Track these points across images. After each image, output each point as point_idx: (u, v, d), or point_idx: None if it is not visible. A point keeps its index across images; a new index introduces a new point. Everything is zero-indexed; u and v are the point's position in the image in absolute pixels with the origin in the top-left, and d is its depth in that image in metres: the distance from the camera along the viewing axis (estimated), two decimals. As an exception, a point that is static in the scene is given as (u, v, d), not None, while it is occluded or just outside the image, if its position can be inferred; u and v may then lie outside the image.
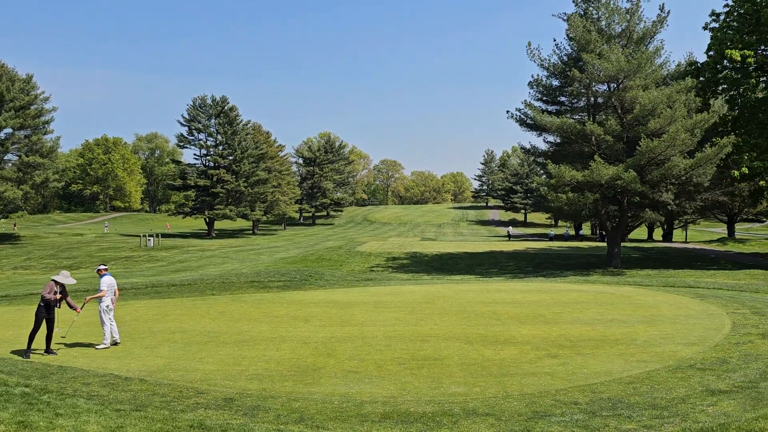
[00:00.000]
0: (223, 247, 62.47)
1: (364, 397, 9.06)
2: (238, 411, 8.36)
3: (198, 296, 22.01)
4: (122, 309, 18.91)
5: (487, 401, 8.76)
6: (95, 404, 8.36)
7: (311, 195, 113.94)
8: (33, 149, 65.80)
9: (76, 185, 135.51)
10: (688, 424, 7.46)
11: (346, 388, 9.64)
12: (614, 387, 9.39)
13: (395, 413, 8.21)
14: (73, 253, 54.01)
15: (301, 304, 19.24)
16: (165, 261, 49.17)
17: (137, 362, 11.52)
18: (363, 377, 10.28)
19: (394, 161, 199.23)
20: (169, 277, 33.90)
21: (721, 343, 12.44)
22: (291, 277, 28.43)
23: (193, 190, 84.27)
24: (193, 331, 14.73)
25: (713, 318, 15.56)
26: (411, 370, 10.68)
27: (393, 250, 51.83)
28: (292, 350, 12.45)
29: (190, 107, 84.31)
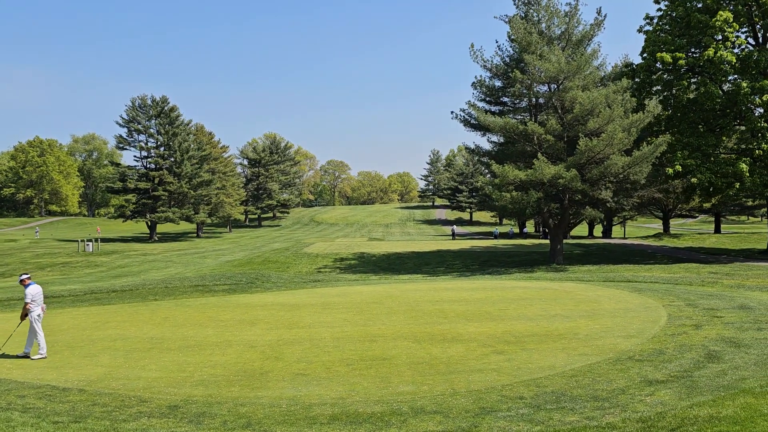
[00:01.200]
0: (166, 250, 60.99)
1: (313, 400, 9.00)
2: (183, 418, 8.18)
3: (140, 302, 21.41)
4: (59, 317, 18.22)
5: (435, 399, 8.83)
6: (31, 417, 8.03)
7: (257, 196, 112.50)
8: (-40, 152, 62.58)
9: (8, 189, 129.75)
10: (627, 414, 7.71)
11: (294, 391, 9.55)
12: (558, 380, 9.63)
13: (344, 414, 8.19)
14: (6, 260, 51.72)
15: (247, 308, 18.97)
16: (105, 266, 47.65)
17: (75, 372, 11.11)
18: (311, 380, 10.21)
19: (340, 162, 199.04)
20: (109, 283, 32.87)
21: (657, 335, 12.92)
22: (237, 280, 28.01)
23: (133, 193, 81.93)
24: (136, 338, 14.31)
25: (650, 311, 16.14)
26: (359, 371, 10.67)
27: (340, 251, 51.73)
28: (238, 354, 12.25)
29: (129, 108, 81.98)
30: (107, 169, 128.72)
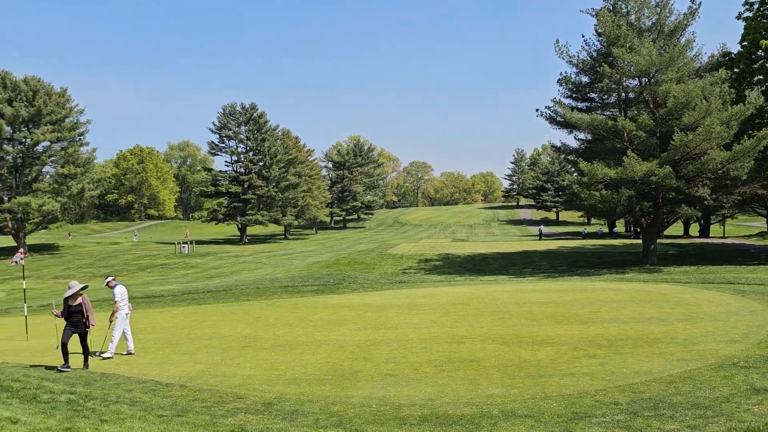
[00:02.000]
0: (256, 252, 63.13)
1: (402, 400, 9.07)
2: (278, 415, 8.44)
3: (233, 302, 22.28)
4: (160, 316, 19.26)
5: (526, 402, 8.69)
6: (138, 410, 8.53)
7: (341, 198, 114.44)
8: (69, 161, 67.40)
9: (112, 195, 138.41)
10: (733, 424, 7.29)
11: (384, 391, 9.66)
12: (655, 386, 9.23)
13: (433, 416, 8.20)
14: (111, 262, 55.16)
15: (335, 308, 19.34)
16: (200, 267, 49.88)
17: (177, 368, 11.71)
18: (400, 380, 10.29)
19: (423, 163, 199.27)
20: (204, 284, 34.38)
21: (765, 340, 12.14)
22: (324, 281, 28.60)
23: (225, 197, 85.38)
24: (230, 337, 14.91)
25: (755, 315, 15.18)
26: (448, 372, 10.66)
27: (425, 252, 51.76)
28: (328, 354, 12.52)
29: (220, 115, 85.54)
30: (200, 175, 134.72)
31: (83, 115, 69.75)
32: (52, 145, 66.44)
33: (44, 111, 63.84)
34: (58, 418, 7.70)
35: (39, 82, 65.66)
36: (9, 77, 64.57)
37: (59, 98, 66.89)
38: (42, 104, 63.43)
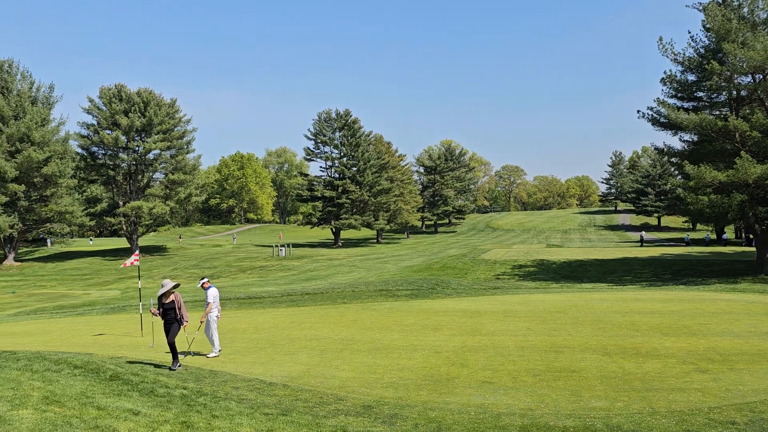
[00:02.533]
0: (350, 256, 64.26)
1: (501, 409, 8.97)
2: (377, 419, 8.57)
3: (330, 304, 22.79)
4: (261, 316, 20.02)
5: (632, 417, 8.36)
6: (246, 407, 8.91)
7: (433, 203, 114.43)
8: (177, 167, 71.49)
9: (215, 199, 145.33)
10: None
11: (482, 398, 9.59)
12: (776, 407, 8.63)
13: (534, 426, 8.06)
14: (214, 263, 57.85)
15: (429, 313, 19.37)
16: (296, 270, 51.37)
17: (279, 368, 12.13)
18: (498, 388, 10.18)
19: (515, 167, 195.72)
20: (301, 286, 35.37)
21: None
22: (418, 285, 28.71)
23: (320, 201, 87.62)
24: (328, 339, 15.27)
25: None
26: (547, 382, 10.43)
27: (518, 258, 50.81)
28: (424, 359, 12.57)
29: (316, 121, 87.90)
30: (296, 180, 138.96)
31: (190, 124, 73.77)
32: (162, 153, 70.69)
33: (155, 121, 68.04)
34: (174, 412, 8.18)
35: (150, 94, 70.02)
36: (124, 90, 69.30)
37: (169, 109, 71.03)
38: (153, 115, 67.64)
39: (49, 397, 8.30)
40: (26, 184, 61.84)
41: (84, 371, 10.39)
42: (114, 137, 66.70)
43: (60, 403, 8.05)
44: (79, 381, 9.65)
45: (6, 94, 62.80)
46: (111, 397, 8.76)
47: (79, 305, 32.01)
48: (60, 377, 9.73)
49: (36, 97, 65.82)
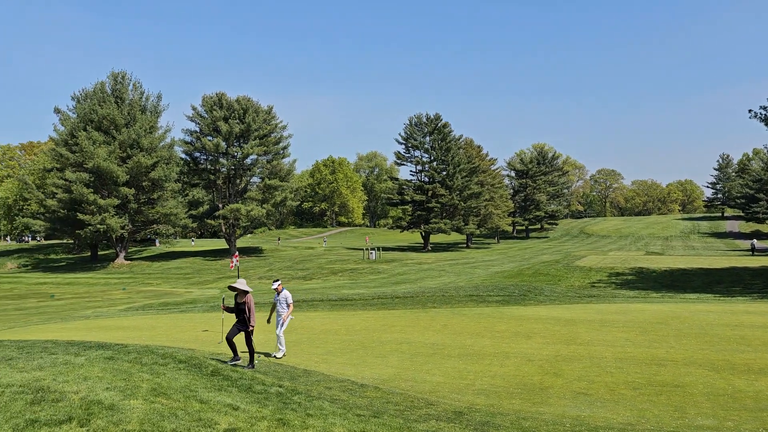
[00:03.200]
0: (439, 260, 64.08)
1: (598, 422, 8.65)
2: (469, 425, 8.48)
3: (420, 308, 22.82)
4: (353, 318, 20.33)
5: (744, 438, 7.83)
6: (339, 408, 9.07)
7: (524, 208, 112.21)
8: (273, 172, 74.00)
9: (307, 203, 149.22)
10: None
11: (577, 410, 9.29)
12: None
13: (634, 442, 7.71)
14: (306, 265, 59.35)
15: (521, 320, 18.99)
16: (386, 273, 51.81)
17: (370, 370, 12.26)
18: (594, 400, 9.83)
19: (611, 170, 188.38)
20: (391, 289, 35.64)
21: None
22: (509, 291, 28.23)
23: (409, 205, 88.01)
24: (418, 343, 15.29)
25: None
26: (648, 397, 9.96)
27: (615, 265, 48.85)
28: (516, 367, 12.33)
29: (406, 126, 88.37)
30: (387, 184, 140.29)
31: (285, 130, 76.18)
32: (259, 158, 73.43)
33: (253, 127, 70.80)
34: (271, 409, 8.45)
35: (249, 101, 72.92)
36: (225, 98, 72.56)
37: (266, 115, 73.70)
38: (251, 121, 70.42)
39: (156, 389, 8.79)
40: (136, 187, 66.02)
41: (188, 366, 10.93)
42: (215, 143, 69.97)
43: (166, 395, 8.51)
44: (183, 375, 10.16)
45: (119, 104, 67.34)
46: (212, 392, 9.16)
47: (182, 303, 33.74)
48: (166, 371, 10.28)
49: (145, 106, 70.18)
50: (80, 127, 64.62)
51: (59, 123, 67.79)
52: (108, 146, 63.35)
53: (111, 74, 68.83)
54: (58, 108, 68.71)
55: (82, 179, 61.78)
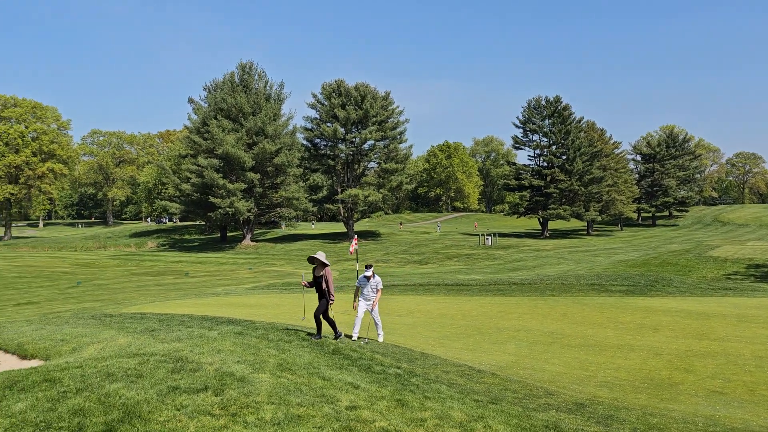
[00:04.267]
0: (558, 247, 62.21)
1: (735, 424, 8.06)
2: (591, 418, 8.21)
3: (538, 296, 22.32)
4: (468, 304, 20.25)
5: None
6: (455, 392, 9.09)
7: (651, 194, 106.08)
8: (390, 157, 74.95)
9: (422, 188, 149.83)
10: None
11: (711, 410, 8.71)
12: None
13: (778, 448, 7.13)
14: (422, 250, 59.76)
15: (648, 312, 18.05)
16: (502, 260, 51.07)
17: (487, 356, 12.18)
18: (731, 400, 9.17)
19: (752, 154, 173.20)
20: (507, 276, 35.12)
21: None
22: (634, 281, 26.87)
23: (527, 191, 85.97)
24: (537, 331, 14.97)
25: None
26: (794, 400, 9.15)
27: (755, 256, 45.09)
28: (642, 360, 11.76)
29: (525, 109, 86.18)
30: (503, 169, 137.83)
31: (402, 115, 76.77)
32: (377, 144, 74.62)
33: (370, 113, 71.98)
34: (390, 389, 8.63)
35: (367, 88, 74.13)
36: (343, 85, 74.25)
37: (383, 101, 74.65)
38: (369, 107, 71.61)
39: (282, 365, 9.24)
40: (261, 172, 69.39)
41: (311, 344, 11.40)
42: (333, 129, 71.92)
43: (291, 371, 8.93)
44: (307, 352, 10.61)
45: (246, 93, 70.86)
46: (334, 370, 9.50)
47: (303, 283, 35.13)
48: (291, 347, 10.78)
49: (269, 94, 73.36)
50: (211, 116, 68.78)
51: (192, 112, 72.60)
52: (236, 133, 66.96)
53: (239, 65, 72.56)
54: (192, 98, 73.58)
55: (212, 165, 65.80)
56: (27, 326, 14.20)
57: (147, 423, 6.14)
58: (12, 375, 7.68)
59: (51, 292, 36.22)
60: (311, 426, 6.42)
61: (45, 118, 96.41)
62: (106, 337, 11.42)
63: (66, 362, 8.82)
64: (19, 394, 6.79)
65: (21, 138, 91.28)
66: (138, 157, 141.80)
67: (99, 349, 10.32)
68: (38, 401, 6.56)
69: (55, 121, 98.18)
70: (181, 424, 6.20)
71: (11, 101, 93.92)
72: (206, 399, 7.01)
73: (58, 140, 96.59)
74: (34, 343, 11.44)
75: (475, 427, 6.97)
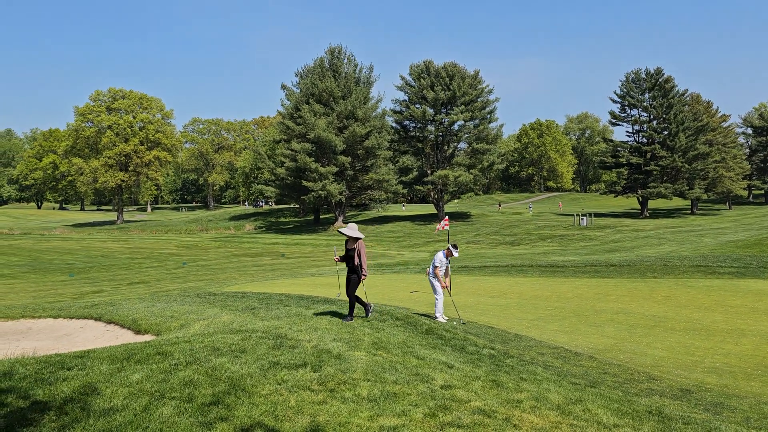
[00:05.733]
0: (658, 227, 59.36)
1: None
2: (698, 405, 7.83)
3: (638, 278, 21.41)
4: (564, 285, 19.74)
5: None
6: (552, 374, 8.91)
7: (763, 169, 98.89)
8: (480, 137, 73.89)
9: (514, 168, 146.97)
10: None
11: (835, 400, 8.07)
12: None
13: None
14: (514, 231, 58.76)
15: (761, 295, 16.91)
16: (598, 240, 49.36)
17: (584, 339, 11.85)
18: None
19: None
20: (604, 257, 33.88)
21: None
22: (746, 262, 25.17)
23: (624, 168, 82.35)
24: (637, 314, 14.40)
25: None
26: None
27: None
28: (755, 346, 11.06)
29: (623, 83, 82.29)
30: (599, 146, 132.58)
31: (492, 94, 75.39)
32: (466, 124, 73.75)
33: (458, 93, 71.14)
34: (484, 370, 8.58)
35: (455, 68, 73.26)
36: (432, 65, 73.74)
37: (472, 80, 73.56)
38: (457, 87, 70.78)
39: (377, 343, 9.39)
40: (351, 155, 70.37)
41: (404, 323, 11.51)
42: (422, 110, 71.67)
43: (386, 350, 9.06)
44: (400, 331, 10.72)
45: (336, 77, 71.85)
46: (427, 349, 9.56)
47: (395, 264, 35.49)
48: (385, 327, 10.93)
49: (359, 78, 73.99)
50: (303, 101, 70.34)
51: (285, 98, 74.51)
52: (327, 117, 68.16)
53: (329, 49, 73.59)
54: (285, 84, 75.50)
55: (305, 149, 67.39)
56: (139, 303, 15.19)
57: (251, 396, 6.43)
58: (129, 348, 8.25)
59: (159, 272, 38.53)
60: (406, 403, 6.49)
61: (150, 109, 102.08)
62: (210, 315, 12.03)
63: (176, 337, 9.37)
64: (135, 365, 7.28)
65: (130, 128, 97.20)
66: (235, 143, 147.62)
67: (205, 326, 10.89)
68: (152, 372, 7.01)
69: (160, 111, 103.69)
70: (283, 397, 6.44)
71: (120, 93, 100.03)
72: (305, 375, 7.25)
73: (163, 129, 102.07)
74: (147, 319, 12.23)
75: (573, 410, 6.81)
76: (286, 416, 5.96)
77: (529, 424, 6.17)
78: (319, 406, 6.28)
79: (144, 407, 5.98)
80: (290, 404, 6.27)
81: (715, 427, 6.76)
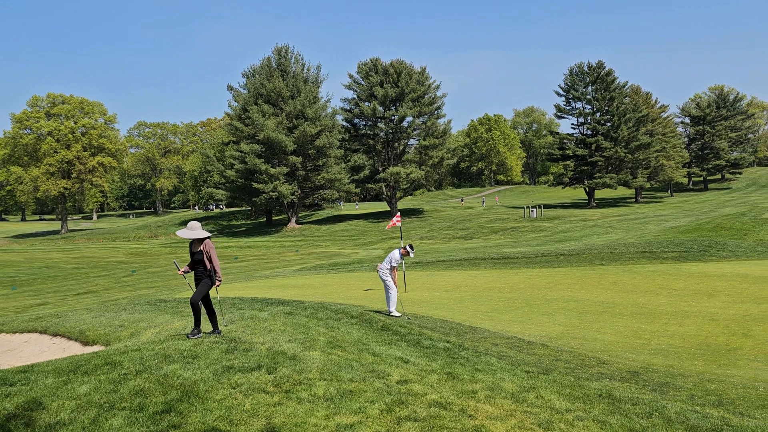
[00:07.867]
0: (605, 216, 61.04)
1: (798, 388, 7.83)
2: (646, 386, 8.09)
3: (587, 266, 21.99)
4: (516, 276, 20.09)
5: None
6: (506, 364, 9.06)
7: (701, 157, 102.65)
8: (429, 133, 74.46)
9: (464, 163, 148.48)
10: None
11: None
12: None
13: None
14: (466, 225, 59.45)
15: (701, 277, 17.59)
16: (548, 231, 50.41)
17: (537, 328, 12.09)
18: (793, 364, 8.90)
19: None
20: (554, 247, 34.64)
21: None
22: (687, 247, 26.16)
23: (571, 160, 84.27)
24: (587, 301, 14.77)
25: None
26: None
27: (815, 217, 43.33)
28: (698, 327, 11.49)
29: (566, 77, 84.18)
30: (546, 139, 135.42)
31: (439, 90, 76.08)
32: (415, 120, 74.18)
33: (407, 90, 71.51)
34: (440, 363, 8.66)
35: (402, 65, 73.58)
36: (379, 63, 73.87)
37: (419, 77, 74.01)
38: (405, 84, 71.12)
39: (332, 342, 9.37)
40: (302, 156, 69.90)
41: (359, 321, 11.52)
42: (371, 108, 71.76)
43: (342, 348, 9.04)
44: (356, 329, 10.72)
45: (285, 77, 71.23)
46: (383, 345, 9.59)
47: (350, 263, 35.45)
48: (340, 325, 10.92)
49: (307, 77, 73.53)
50: (251, 102, 69.47)
51: (233, 99, 73.41)
52: (276, 117, 67.50)
53: (275, 49, 72.88)
54: (231, 86, 74.44)
55: (254, 150, 66.57)
56: (87, 314, 14.74)
57: (204, 401, 6.33)
58: (75, 360, 8.00)
59: (108, 281, 37.49)
60: (363, 400, 6.50)
61: (92, 114, 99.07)
62: (161, 322, 11.78)
63: (125, 346, 9.13)
64: (83, 377, 7.07)
65: (71, 134, 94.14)
66: (182, 146, 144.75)
67: (156, 333, 10.66)
68: (101, 383, 6.82)
69: (102, 116, 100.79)
70: (237, 401, 6.36)
71: (60, 98, 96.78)
72: (260, 377, 7.17)
73: (106, 134, 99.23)
74: (95, 329, 11.88)
75: (527, 397, 6.95)
76: (241, 420, 5.89)
77: (484, 414, 6.26)
78: (275, 407, 6.23)
79: (92, 419, 5.82)
80: (245, 407, 6.20)
81: (661, 406, 6.99)
